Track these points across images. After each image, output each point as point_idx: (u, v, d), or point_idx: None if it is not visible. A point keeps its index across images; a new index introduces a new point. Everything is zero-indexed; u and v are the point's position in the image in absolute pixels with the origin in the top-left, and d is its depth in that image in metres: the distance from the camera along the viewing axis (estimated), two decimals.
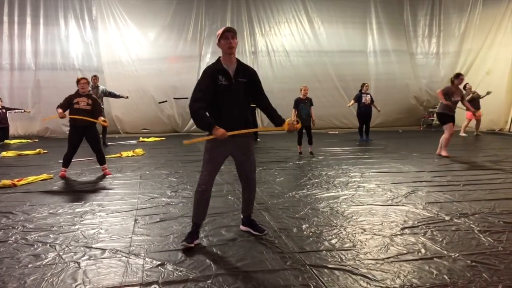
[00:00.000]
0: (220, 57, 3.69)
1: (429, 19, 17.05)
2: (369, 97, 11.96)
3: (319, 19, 16.14)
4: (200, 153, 9.64)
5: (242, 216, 4.10)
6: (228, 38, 3.52)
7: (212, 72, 3.56)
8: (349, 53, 16.19)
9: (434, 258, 3.35)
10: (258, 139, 12.37)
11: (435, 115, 16.48)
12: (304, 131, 9.09)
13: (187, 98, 14.93)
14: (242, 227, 4.07)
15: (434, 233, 3.95)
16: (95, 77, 11.28)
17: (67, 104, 6.86)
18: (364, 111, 11.97)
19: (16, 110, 13.00)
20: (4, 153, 9.67)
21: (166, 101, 14.88)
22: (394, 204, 5.03)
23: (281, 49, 15.93)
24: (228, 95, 3.55)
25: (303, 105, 9.10)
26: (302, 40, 16.10)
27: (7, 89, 14.08)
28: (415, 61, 17.12)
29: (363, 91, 11.98)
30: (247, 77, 3.66)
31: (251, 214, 4.06)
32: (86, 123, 6.80)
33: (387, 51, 16.68)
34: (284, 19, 16.03)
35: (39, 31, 14.26)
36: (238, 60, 3.68)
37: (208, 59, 15.21)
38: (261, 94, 3.81)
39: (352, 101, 12.28)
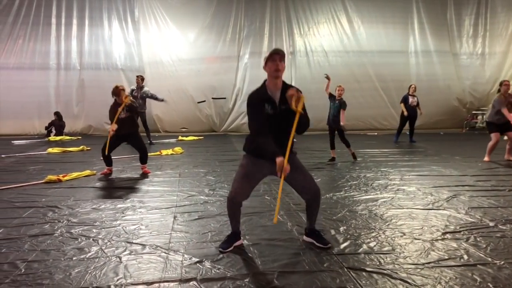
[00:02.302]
0: (265, 80, 3.45)
1: (474, 18, 16.49)
2: (416, 99, 11.81)
3: (359, 19, 15.92)
4: (237, 152, 9.75)
5: (305, 226, 3.88)
6: (275, 60, 3.29)
7: (258, 101, 3.37)
8: (390, 53, 15.90)
9: (478, 265, 3.24)
10: (295, 140, 12.34)
11: (478, 117, 15.98)
12: (336, 133, 8.49)
13: (225, 98, 15.14)
14: (305, 238, 3.82)
15: (478, 239, 3.82)
16: (137, 78, 11.48)
17: (113, 115, 6.85)
18: (410, 113, 11.78)
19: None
20: (50, 150, 10.08)
21: (204, 101, 15.09)
22: (435, 208, 4.91)
23: (320, 49, 15.81)
24: (273, 124, 3.36)
25: (332, 104, 8.35)
26: (341, 40, 15.93)
27: (53, 88, 14.67)
28: (458, 61, 16.60)
29: (410, 93, 11.80)
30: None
31: (314, 225, 3.81)
32: (127, 130, 6.98)
33: (429, 51, 16.27)
34: (323, 19, 15.91)
35: (84, 32, 14.79)
36: (284, 83, 3.43)
37: (246, 59, 15.32)
38: None
39: (402, 105, 11.97)
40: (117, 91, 6.90)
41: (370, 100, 15.64)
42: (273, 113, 3.36)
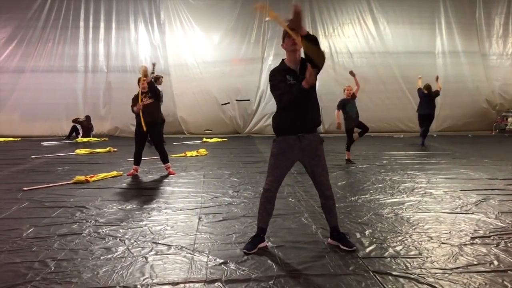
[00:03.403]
0: (283, 59, 3.60)
1: (504, 17, 16.09)
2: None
3: (384, 19, 15.75)
4: (261, 154, 9.75)
5: (329, 228, 3.81)
6: (291, 36, 3.44)
7: (280, 72, 3.50)
8: (416, 54, 15.64)
9: (509, 271, 3.15)
10: None
11: (509, 119, 15.58)
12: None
13: (248, 100, 15.18)
14: (330, 241, 3.77)
15: (508, 244, 3.72)
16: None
17: (135, 99, 7.23)
18: (426, 113, 11.54)
19: None
20: (78, 151, 10.30)
21: (228, 103, 15.17)
22: (463, 212, 4.80)
23: (345, 50, 15.69)
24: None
25: (350, 105, 8.39)
26: (367, 41, 15.77)
27: (81, 90, 15.02)
28: (487, 62, 16.21)
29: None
30: None
31: (337, 226, 3.76)
32: (149, 119, 7.09)
33: (457, 52, 15.94)
34: (348, 20, 15.79)
35: (111, 35, 15.10)
36: (302, 58, 3.53)
37: (271, 61, 15.31)
38: None
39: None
40: (138, 80, 7.40)
41: (396, 102, 15.43)
42: (295, 83, 3.43)
